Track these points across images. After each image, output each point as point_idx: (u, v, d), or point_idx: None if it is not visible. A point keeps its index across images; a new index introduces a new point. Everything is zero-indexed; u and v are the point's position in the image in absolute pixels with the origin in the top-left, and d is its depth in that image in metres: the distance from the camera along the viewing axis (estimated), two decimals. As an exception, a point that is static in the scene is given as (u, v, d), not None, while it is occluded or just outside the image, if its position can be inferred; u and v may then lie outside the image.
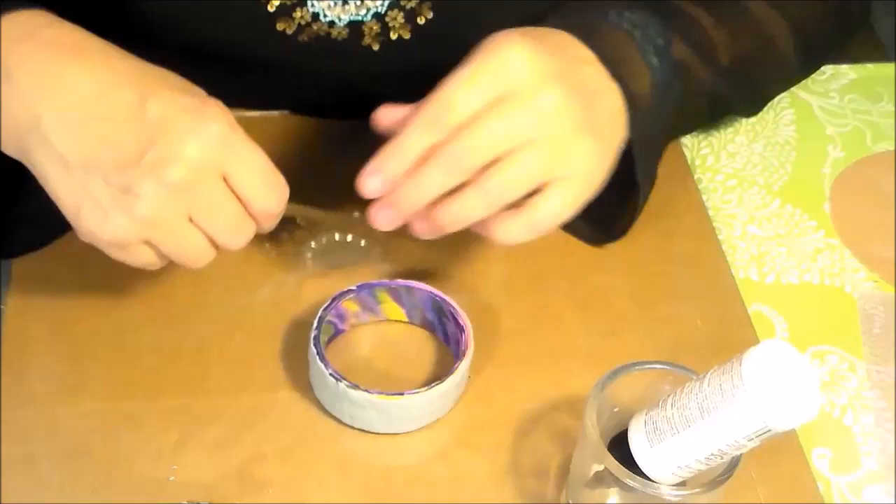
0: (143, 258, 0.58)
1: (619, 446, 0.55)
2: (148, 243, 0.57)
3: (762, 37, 0.75)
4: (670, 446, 0.53)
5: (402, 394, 0.61)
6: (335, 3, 0.69)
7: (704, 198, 0.79)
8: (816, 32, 0.78)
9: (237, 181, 0.57)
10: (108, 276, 0.69)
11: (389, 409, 0.62)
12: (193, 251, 0.58)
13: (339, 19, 0.70)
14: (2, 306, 0.67)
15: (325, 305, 0.65)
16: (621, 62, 0.64)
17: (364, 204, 0.60)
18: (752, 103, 0.82)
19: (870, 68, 0.92)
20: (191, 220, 0.57)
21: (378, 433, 0.63)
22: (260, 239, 0.64)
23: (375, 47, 0.71)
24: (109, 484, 0.60)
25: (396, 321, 0.69)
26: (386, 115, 0.61)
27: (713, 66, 0.71)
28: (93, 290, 0.68)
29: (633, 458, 0.55)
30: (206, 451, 0.62)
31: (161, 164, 0.54)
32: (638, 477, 0.54)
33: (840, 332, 0.72)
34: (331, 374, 0.61)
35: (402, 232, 0.60)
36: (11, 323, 0.66)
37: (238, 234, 0.59)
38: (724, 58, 0.72)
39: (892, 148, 0.85)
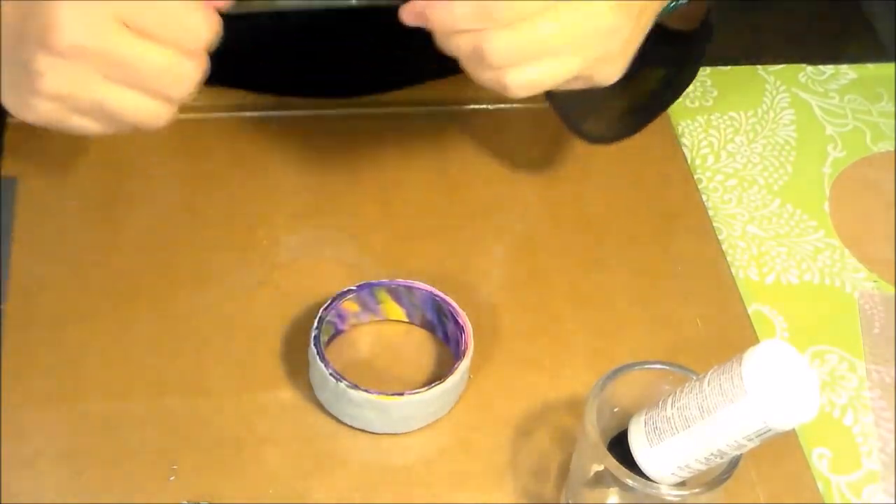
0: (83, 128, 0.54)
1: (619, 446, 0.55)
2: (78, 113, 0.53)
3: None
4: (670, 446, 0.53)
5: (402, 394, 0.61)
6: None
7: (704, 198, 0.79)
8: None
9: (139, 26, 0.51)
10: (108, 276, 0.69)
11: (389, 409, 0.62)
12: (132, 111, 0.53)
13: None
14: (2, 306, 0.67)
15: (325, 305, 0.65)
16: None
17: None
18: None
19: (870, 68, 0.92)
20: (110, 78, 0.51)
21: (378, 433, 0.63)
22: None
23: None
24: (109, 484, 0.60)
25: (396, 321, 0.69)
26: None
27: None
28: (93, 290, 0.68)
29: (633, 458, 0.55)
30: (206, 451, 0.62)
31: (43, 34, 0.50)
32: (638, 477, 0.54)
33: (840, 332, 0.72)
34: (331, 374, 0.61)
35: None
36: (11, 323, 0.66)
37: (173, 79, 0.52)
38: None
39: (892, 148, 0.85)
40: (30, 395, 0.63)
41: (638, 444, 0.55)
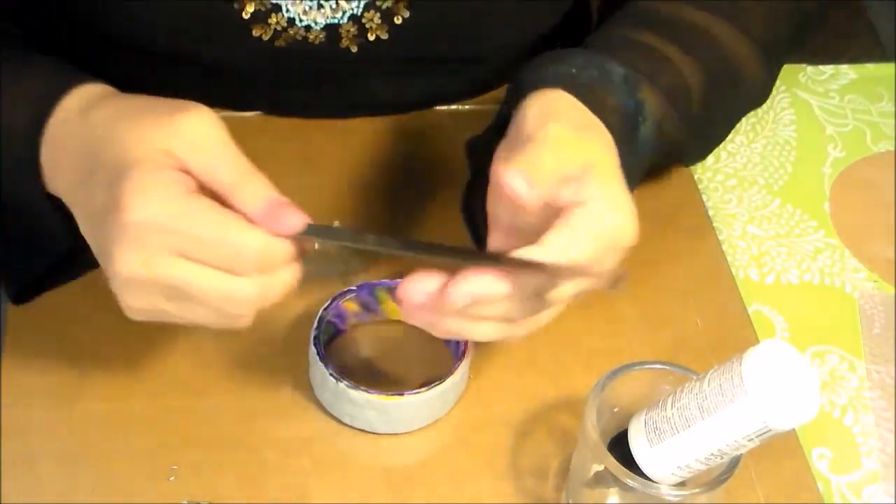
0: (188, 322, 0.54)
1: (619, 446, 0.55)
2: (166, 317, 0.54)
3: (732, 69, 0.70)
4: (670, 446, 0.53)
5: (402, 394, 0.61)
6: (310, 7, 0.68)
7: (704, 198, 0.79)
8: (779, 49, 0.74)
9: (199, 256, 0.51)
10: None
11: (389, 409, 0.62)
12: (199, 322, 0.54)
13: (316, 23, 0.69)
14: (2, 307, 0.67)
15: (325, 305, 0.65)
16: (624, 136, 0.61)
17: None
18: (705, 147, 0.76)
19: (870, 68, 0.92)
20: (174, 298, 0.52)
21: (378, 433, 0.63)
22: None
23: (353, 49, 0.71)
24: (109, 484, 0.60)
25: (396, 321, 0.69)
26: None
27: (685, 118, 0.67)
28: (93, 291, 0.68)
29: (633, 458, 0.55)
30: (206, 451, 0.62)
31: (106, 262, 0.52)
32: (638, 477, 0.54)
33: (840, 332, 0.72)
34: (331, 374, 0.61)
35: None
36: (12, 323, 0.66)
37: (230, 303, 0.52)
38: (696, 103, 0.68)
39: (892, 148, 0.85)
40: (30, 395, 0.63)
41: (638, 444, 0.55)
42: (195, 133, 0.52)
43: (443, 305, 0.52)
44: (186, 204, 0.51)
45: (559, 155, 0.54)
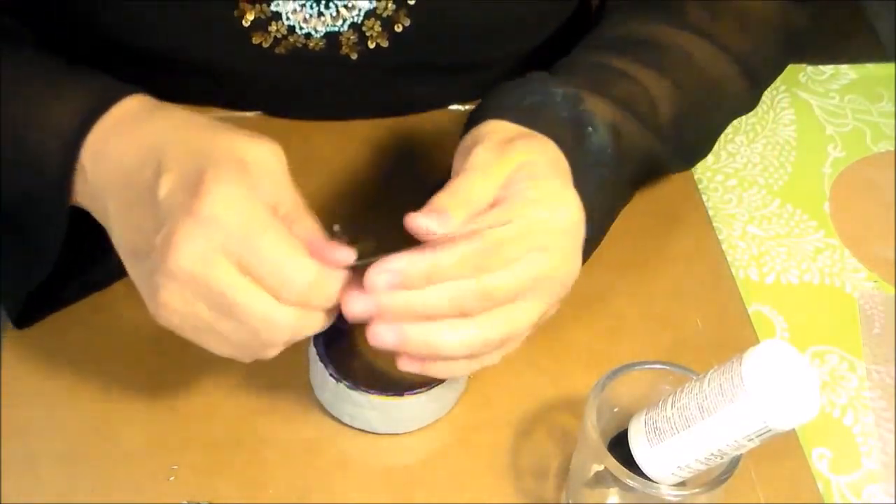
0: (207, 346, 0.54)
1: (619, 446, 0.55)
2: (196, 331, 0.53)
3: (710, 84, 0.71)
4: (670, 446, 0.53)
5: (402, 394, 0.61)
6: (311, 16, 0.69)
7: (704, 198, 0.79)
8: (767, 64, 0.75)
9: (252, 270, 0.51)
10: (108, 276, 0.69)
11: (389, 409, 0.62)
12: (232, 344, 0.53)
13: (316, 31, 0.69)
14: (2, 306, 0.67)
15: (325, 305, 0.64)
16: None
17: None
18: (690, 156, 0.77)
19: (870, 68, 0.92)
20: (213, 308, 0.52)
21: (378, 433, 0.63)
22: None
23: (353, 56, 0.71)
24: (109, 484, 0.60)
25: (396, 321, 0.69)
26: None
27: (650, 125, 0.68)
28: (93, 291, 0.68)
29: (633, 458, 0.55)
30: (206, 451, 0.62)
31: (163, 250, 0.51)
32: (638, 477, 0.54)
33: (840, 332, 0.72)
34: (331, 374, 0.61)
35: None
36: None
37: (264, 325, 0.52)
38: (665, 113, 0.68)
39: (892, 148, 0.85)
40: (30, 394, 0.63)
41: (638, 444, 0.55)
42: (268, 157, 0.54)
43: (368, 287, 0.54)
44: (261, 214, 0.52)
45: (485, 175, 0.56)
